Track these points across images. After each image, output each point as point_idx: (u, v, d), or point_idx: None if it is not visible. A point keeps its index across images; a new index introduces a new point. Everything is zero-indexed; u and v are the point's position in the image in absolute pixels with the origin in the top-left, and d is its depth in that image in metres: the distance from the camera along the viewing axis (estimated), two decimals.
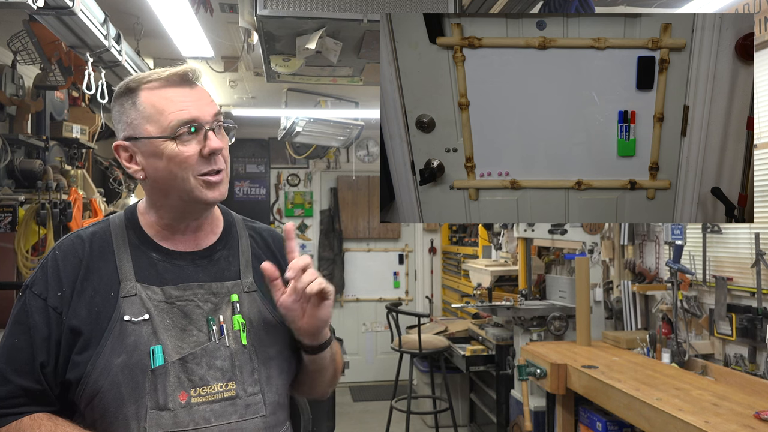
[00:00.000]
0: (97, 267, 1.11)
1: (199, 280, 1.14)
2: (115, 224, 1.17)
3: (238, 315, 1.13)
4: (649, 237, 3.64)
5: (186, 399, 1.05)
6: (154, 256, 1.14)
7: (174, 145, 1.08)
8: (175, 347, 1.07)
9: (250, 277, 1.19)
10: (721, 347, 2.98)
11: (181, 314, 1.10)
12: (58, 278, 1.09)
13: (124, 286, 1.09)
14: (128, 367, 1.03)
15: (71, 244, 1.14)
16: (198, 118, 1.10)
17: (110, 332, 1.05)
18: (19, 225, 2.93)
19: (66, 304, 1.07)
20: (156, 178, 1.11)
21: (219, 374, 1.08)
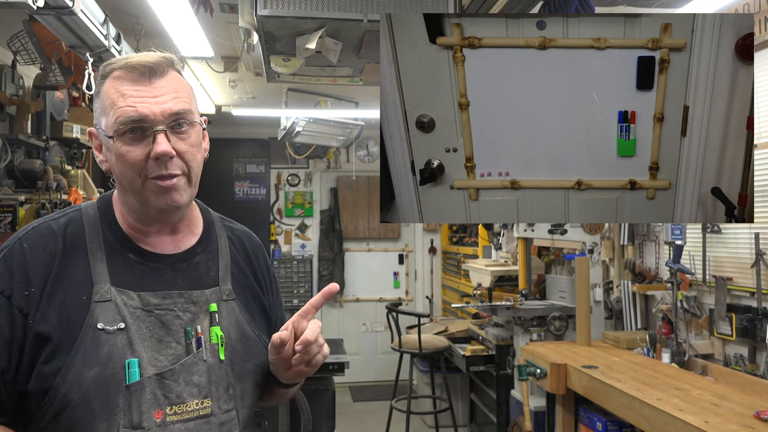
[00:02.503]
0: (69, 265, 0.99)
1: (178, 287, 1.05)
2: (88, 216, 1.05)
3: (216, 327, 1.05)
4: (649, 237, 3.64)
5: (161, 417, 0.97)
6: (131, 258, 1.04)
7: (120, 144, 0.99)
8: (151, 360, 0.98)
9: (228, 284, 1.11)
10: (721, 347, 2.98)
11: (158, 324, 1.01)
12: (26, 275, 0.97)
13: (98, 290, 0.98)
14: (101, 380, 0.94)
15: (41, 237, 1.01)
16: (146, 118, 0.98)
17: (82, 341, 0.94)
18: (19, 225, 2.93)
19: (34, 305, 0.95)
20: (115, 174, 1.04)
21: (195, 391, 1.01)
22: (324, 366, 3.58)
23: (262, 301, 1.18)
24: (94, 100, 1.05)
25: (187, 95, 1.05)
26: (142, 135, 0.99)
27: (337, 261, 6.56)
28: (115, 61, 1.03)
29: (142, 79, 1.00)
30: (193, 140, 1.05)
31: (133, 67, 1.00)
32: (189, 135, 1.04)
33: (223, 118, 5.54)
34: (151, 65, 1.01)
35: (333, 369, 3.60)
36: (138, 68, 1.00)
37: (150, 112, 0.99)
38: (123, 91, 1.00)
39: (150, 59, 1.01)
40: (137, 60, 1.01)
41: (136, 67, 1.00)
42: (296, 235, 6.71)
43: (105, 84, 1.02)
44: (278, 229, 6.69)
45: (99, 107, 1.03)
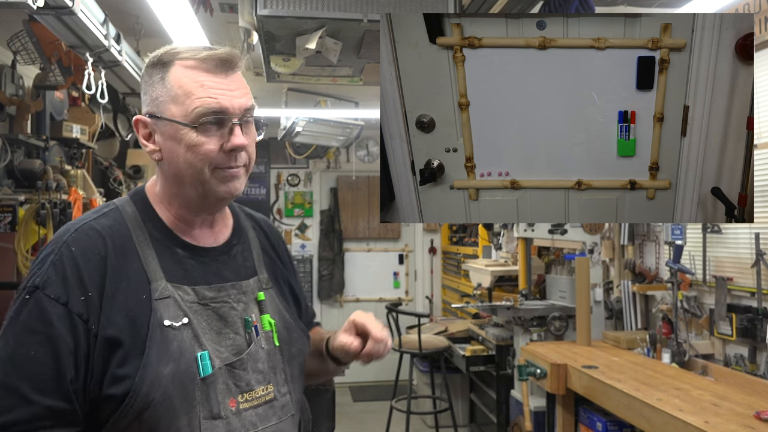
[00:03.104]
0: (122, 266, 0.98)
1: (227, 278, 1.07)
2: (128, 215, 1.04)
3: (266, 314, 1.09)
4: (649, 237, 3.64)
5: (236, 405, 1.00)
6: (180, 252, 1.04)
7: (195, 134, 0.99)
8: (215, 351, 0.99)
9: (264, 273, 1.15)
10: (721, 347, 2.98)
11: (215, 316, 1.02)
12: (80, 280, 0.93)
13: (156, 287, 0.98)
14: (178, 376, 0.94)
15: (88, 239, 0.98)
16: (226, 110, 1.00)
17: (152, 339, 0.94)
18: (19, 225, 2.93)
19: (94, 310, 0.93)
20: (172, 163, 1.02)
21: (261, 377, 1.05)
22: None
23: (291, 286, 1.22)
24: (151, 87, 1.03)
25: (250, 93, 1.08)
26: (219, 127, 1.01)
27: (337, 261, 6.56)
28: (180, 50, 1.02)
29: (217, 71, 1.02)
30: (253, 135, 1.08)
31: (209, 58, 1.01)
32: (252, 130, 1.07)
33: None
34: (226, 58, 1.02)
35: None
36: (213, 60, 1.01)
37: (230, 105, 1.01)
38: (202, 82, 1.00)
39: (223, 52, 1.03)
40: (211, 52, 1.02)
41: (212, 59, 1.01)
42: (296, 235, 6.71)
43: (170, 72, 1.01)
44: (278, 229, 6.68)
45: (164, 94, 1.01)
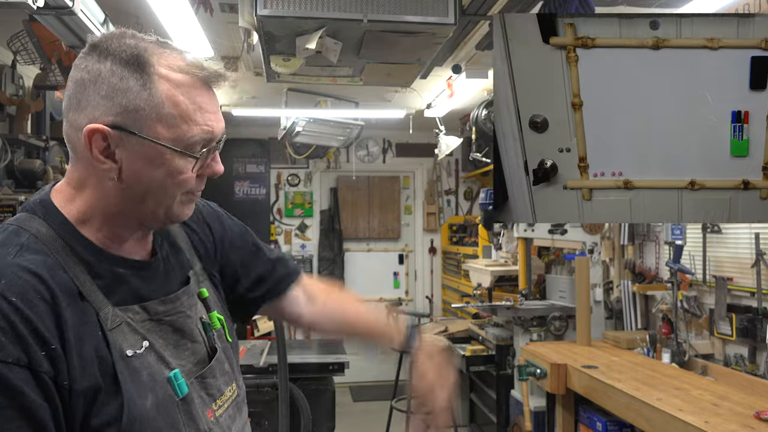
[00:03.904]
0: (65, 302, 0.82)
1: (175, 287, 0.97)
2: (45, 238, 0.86)
3: (213, 312, 1.01)
4: (649, 237, 3.64)
5: (212, 415, 0.95)
6: (120, 271, 0.90)
7: (183, 161, 0.88)
8: (179, 366, 0.92)
9: (198, 263, 1.05)
10: (721, 347, 2.98)
11: (170, 329, 0.94)
12: (36, 332, 0.77)
13: (104, 316, 0.85)
14: (160, 405, 0.87)
15: (24, 283, 0.79)
16: (216, 136, 0.91)
17: (122, 375, 0.84)
18: None
19: (59, 362, 0.79)
20: (136, 186, 0.88)
21: (227, 378, 1.00)
22: (324, 366, 3.59)
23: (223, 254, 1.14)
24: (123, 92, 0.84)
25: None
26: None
27: (337, 261, 6.56)
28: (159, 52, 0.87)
29: (208, 90, 0.90)
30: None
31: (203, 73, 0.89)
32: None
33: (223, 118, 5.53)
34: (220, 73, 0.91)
35: (333, 369, 3.60)
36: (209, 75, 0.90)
37: (219, 130, 0.91)
38: (200, 104, 0.88)
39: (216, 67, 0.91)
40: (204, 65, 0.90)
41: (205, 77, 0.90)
42: (296, 235, 6.71)
43: (159, 82, 0.85)
44: (278, 229, 6.68)
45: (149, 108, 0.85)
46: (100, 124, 0.84)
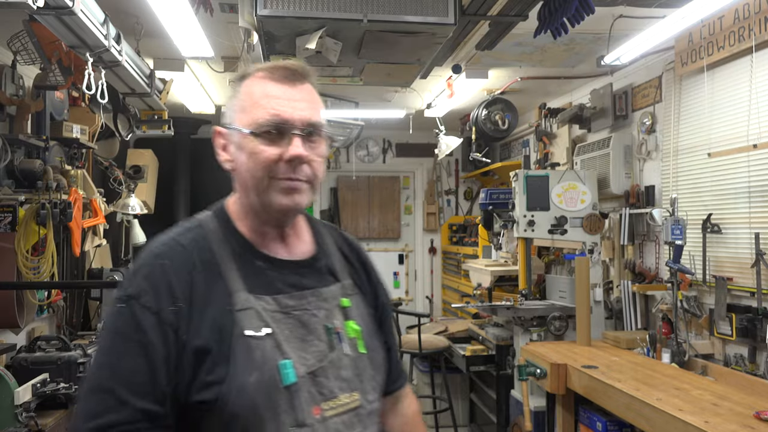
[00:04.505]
0: (207, 279, 1.01)
1: (306, 286, 1.08)
2: (210, 230, 1.07)
3: (350, 321, 1.09)
4: (649, 237, 3.64)
5: (320, 413, 1.00)
6: (260, 264, 1.06)
7: (256, 142, 1.02)
8: (300, 359, 1.01)
9: (348, 279, 1.15)
10: (721, 347, 2.98)
11: (298, 324, 1.03)
12: (170, 291, 0.98)
13: (237, 299, 1.00)
14: (262, 384, 0.96)
15: (175, 253, 1.02)
16: (288, 121, 1.02)
17: (236, 349, 0.96)
18: (19, 225, 2.93)
19: (183, 320, 0.96)
20: (239, 173, 1.06)
21: (345, 385, 1.04)
22: None
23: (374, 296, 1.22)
24: (230, 100, 1.09)
25: (320, 110, 1.09)
26: (280, 137, 1.03)
27: None
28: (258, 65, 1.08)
29: (285, 81, 1.05)
30: (321, 152, 1.08)
31: (277, 68, 1.05)
32: (319, 146, 1.08)
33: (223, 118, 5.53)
34: (294, 69, 1.06)
35: None
36: (281, 70, 1.05)
37: (290, 116, 1.03)
38: (267, 92, 1.04)
39: (293, 64, 1.07)
40: (281, 64, 1.07)
41: (280, 70, 1.05)
42: None
43: (244, 83, 1.07)
44: None
45: (236, 105, 1.07)
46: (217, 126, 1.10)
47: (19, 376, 2.36)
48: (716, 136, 3.07)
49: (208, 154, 5.36)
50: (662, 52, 3.46)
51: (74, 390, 2.46)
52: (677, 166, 3.38)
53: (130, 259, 5.64)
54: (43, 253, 3.01)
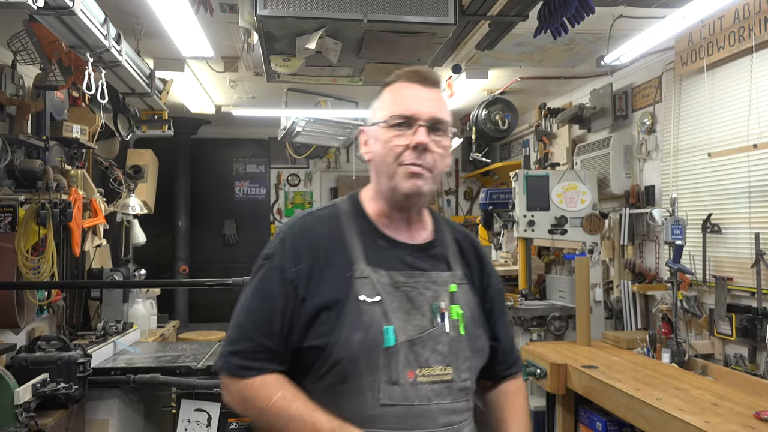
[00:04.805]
0: (332, 248, 1.21)
1: (420, 268, 1.23)
2: (342, 209, 1.28)
3: (456, 305, 1.21)
4: (649, 237, 3.64)
5: (413, 377, 1.14)
6: (380, 243, 1.24)
7: (388, 132, 1.21)
8: (402, 328, 1.16)
9: (459, 270, 1.28)
10: (721, 347, 2.98)
11: (405, 298, 1.19)
12: (296, 254, 1.20)
13: (357, 268, 1.18)
14: (365, 342, 1.13)
15: (307, 225, 1.25)
16: (415, 114, 1.20)
17: (348, 309, 1.15)
18: (19, 225, 2.93)
19: (304, 279, 1.17)
20: (374, 161, 1.26)
21: (440, 358, 1.17)
22: None
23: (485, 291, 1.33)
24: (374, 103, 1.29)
25: (446, 110, 1.25)
26: (408, 128, 1.20)
27: None
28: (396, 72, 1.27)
29: (417, 82, 1.24)
30: (443, 146, 1.23)
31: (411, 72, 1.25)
32: (442, 141, 1.22)
33: (223, 118, 5.53)
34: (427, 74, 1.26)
35: None
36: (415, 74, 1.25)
37: (417, 110, 1.20)
38: (402, 92, 1.24)
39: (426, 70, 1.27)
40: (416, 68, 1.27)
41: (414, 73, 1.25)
42: None
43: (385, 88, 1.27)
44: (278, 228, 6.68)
45: (377, 106, 1.27)
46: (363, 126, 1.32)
47: (19, 376, 2.35)
48: (716, 136, 3.07)
49: (208, 154, 5.41)
50: (662, 52, 3.46)
51: (74, 390, 2.46)
52: (677, 166, 3.38)
53: (130, 259, 5.64)
54: (43, 253, 3.01)
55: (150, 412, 2.94)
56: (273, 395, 1.14)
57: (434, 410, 1.15)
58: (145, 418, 2.91)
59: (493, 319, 1.32)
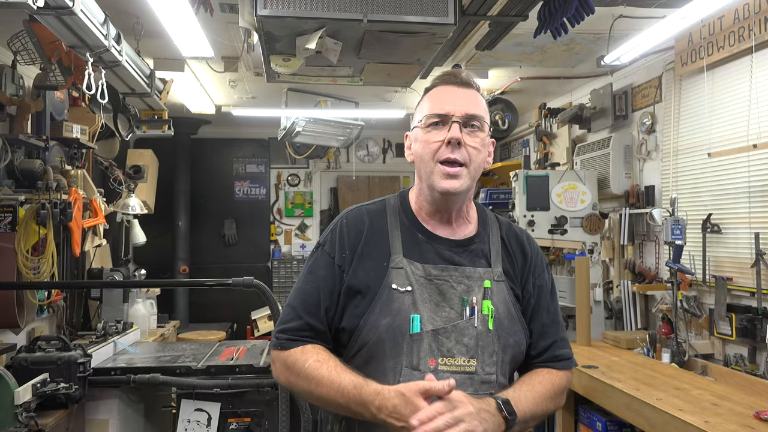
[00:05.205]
0: (374, 239, 1.30)
1: (455, 263, 1.29)
2: (390, 204, 1.37)
3: (487, 300, 1.26)
4: (649, 237, 3.64)
5: (434, 365, 1.20)
6: (419, 237, 1.31)
7: (425, 131, 1.28)
8: (429, 318, 1.23)
9: (499, 267, 1.32)
10: (721, 347, 2.98)
11: (437, 291, 1.26)
12: (343, 242, 1.31)
13: (393, 259, 1.27)
14: (392, 328, 1.21)
15: (355, 217, 1.35)
16: (449, 113, 1.26)
17: (380, 296, 1.24)
18: (19, 225, 2.93)
19: (347, 264, 1.28)
20: (416, 161, 1.32)
21: (464, 350, 1.22)
22: None
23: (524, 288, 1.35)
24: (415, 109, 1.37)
25: (482, 109, 1.31)
26: (443, 126, 1.27)
27: None
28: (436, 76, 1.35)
29: (453, 84, 1.31)
30: (479, 140, 1.29)
31: (447, 75, 1.33)
32: (477, 135, 1.28)
33: (223, 118, 5.53)
34: (461, 75, 1.32)
35: None
36: (450, 76, 1.32)
37: (451, 107, 1.27)
38: (438, 94, 1.31)
39: (461, 72, 1.34)
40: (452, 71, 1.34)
41: (449, 75, 1.32)
42: (296, 235, 6.70)
43: (425, 95, 1.34)
44: (278, 229, 6.68)
45: (417, 109, 1.34)
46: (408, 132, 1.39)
47: (19, 376, 2.35)
48: (716, 136, 3.07)
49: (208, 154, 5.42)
50: (662, 52, 3.46)
51: (74, 390, 2.46)
52: (677, 166, 3.38)
53: (130, 259, 5.64)
54: (43, 253, 3.01)
55: (150, 412, 2.94)
56: (308, 360, 1.22)
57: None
58: (145, 418, 2.91)
59: (528, 315, 1.33)
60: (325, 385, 1.19)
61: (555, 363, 1.34)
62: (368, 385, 1.14)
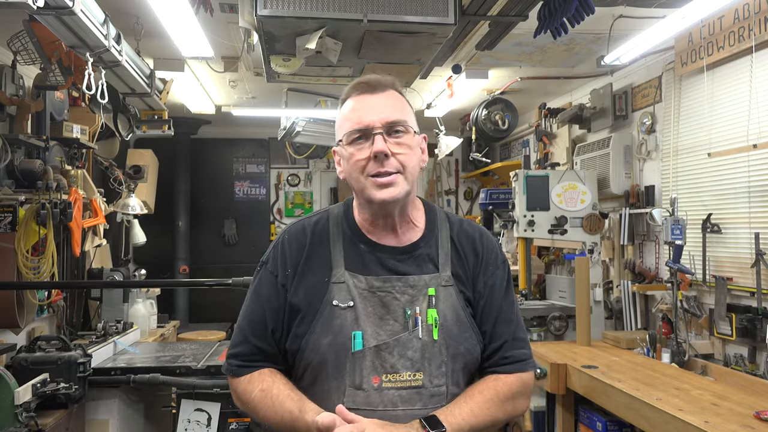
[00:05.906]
0: (316, 254, 1.25)
1: (398, 272, 1.23)
2: (333, 215, 1.31)
3: (432, 309, 1.20)
4: (649, 237, 3.64)
5: (378, 382, 1.16)
6: (362, 247, 1.25)
7: (350, 149, 1.21)
8: (373, 333, 1.18)
9: (448, 271, 1.26)
10: (721, 347, 2.98)
11: (380, 303, 1.20)
12: (285, 259, 1.26)
13: (335, 273, 1.22)
14: (334, 347, 1.17)
15: (297, 231, 1.29)
16: (368, 125, 1.20)
17: (321, 314, 1.19)
18: (19, 225, 2.93)
19: (290, 282, 1.23)
20: (347, 178, 1.25)
21: (409, 364, 1.17)
22: None
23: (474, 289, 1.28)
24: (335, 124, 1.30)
25: (402, 109, 1.24)
26: (366, 139, 1.20)
27: None
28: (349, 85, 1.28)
29: (366, 92, 1.24)
30: (407, 144, 1.22)
31: (358, 84, 1.25)
32: (404, 140, 1.22)
33: (223, 118, 5.53)
34: (372, 81, 1.25)
35: None
36: (362, 85, 1.25)
37: (370, 119, 1.20)
38: (353, 106, 1.24)
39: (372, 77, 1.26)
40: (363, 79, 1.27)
41: (360, 85, 1.25)
42: None
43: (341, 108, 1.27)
44: (278, 229, 6.68)
45: (337, 125, 1.27)
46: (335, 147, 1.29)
47: (19, 376, 2.35)
48: (716, 136, 3.07)
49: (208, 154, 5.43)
50: (662, 52, 3.46)
51: (74, 390, 2.46)
52: (677, 166, 3.38)
53: (130, 259, 5.64)
54: (43, 253, 3.01)
55: (150, 412, 2.94)
56: (253, 390, 1.21)
57: (400, 416, 1.14)
58: (145, 418, 2.91)
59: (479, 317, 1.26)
60: (269, 417, 1.18)
61: (504, 367, 1.26)
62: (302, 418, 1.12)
